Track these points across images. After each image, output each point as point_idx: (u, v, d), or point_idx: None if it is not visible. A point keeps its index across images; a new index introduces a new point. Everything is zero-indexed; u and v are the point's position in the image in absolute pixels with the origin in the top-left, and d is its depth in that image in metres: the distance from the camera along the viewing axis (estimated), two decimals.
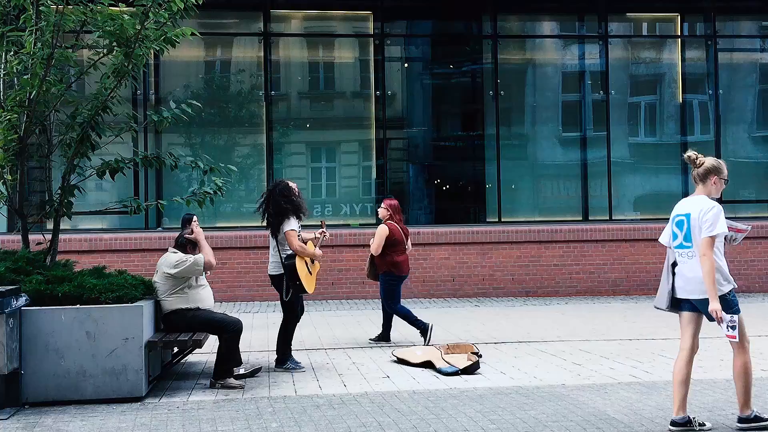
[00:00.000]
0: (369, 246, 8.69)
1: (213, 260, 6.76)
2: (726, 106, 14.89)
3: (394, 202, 8.76)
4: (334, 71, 14.70)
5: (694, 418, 5.10)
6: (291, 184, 7.46)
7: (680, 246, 5.19)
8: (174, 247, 6.89)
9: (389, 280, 8.48)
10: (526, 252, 13.28)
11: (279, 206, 7.21)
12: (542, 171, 14.69)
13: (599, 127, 14.51)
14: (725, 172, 5.20)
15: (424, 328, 8.33)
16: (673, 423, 5.07)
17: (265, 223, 7.40)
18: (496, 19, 14.43)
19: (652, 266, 13.44)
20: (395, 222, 8.58)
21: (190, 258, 6.66)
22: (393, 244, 8.45)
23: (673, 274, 5.24)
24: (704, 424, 5.10)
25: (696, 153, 5.20)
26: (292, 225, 7.17)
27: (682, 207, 5.23)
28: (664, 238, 5.36)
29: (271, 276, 7.38)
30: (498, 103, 14.20)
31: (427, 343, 8.17)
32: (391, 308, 8.51)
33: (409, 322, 8.49)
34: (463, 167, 14.86)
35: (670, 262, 5.27)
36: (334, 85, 14.75)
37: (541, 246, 13.38)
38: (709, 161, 5.17)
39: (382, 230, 8.44)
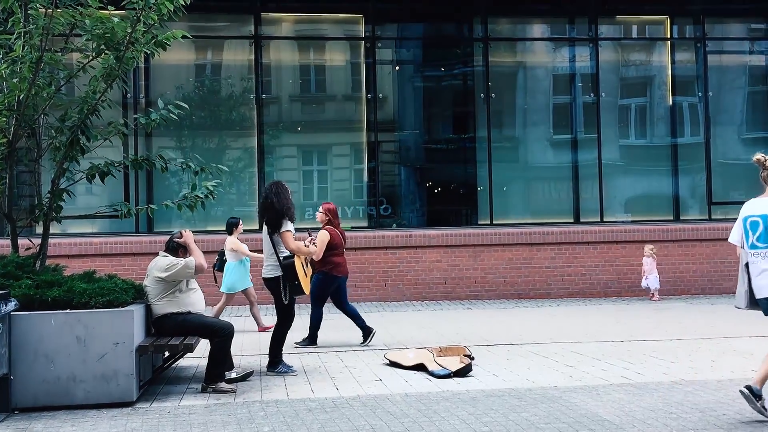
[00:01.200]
0: (359, 249, 8.74)
1: (204, 263, 6.73)
2: (716, 108, 14.97)
3: (332, 206, 8.92)
4: (325, 74, 14.69)
5: (764, 399, 5.18)
6: (286, 184, 7.49)
7: (753, 246, 5.27)
8: (165, 251, 6.86)
9: (324, 280, 8.57)
10: (518, 254, 13.30)
11: (276, 205, 7.22)
12: (533, 173, 14.72)
13: (590, 129, 14.56)
14: None
15: (367, 331, 8.74)
16: (747, 387, 5.20)
17: (265, 223, 7.40)
18: (486, 22, 14.46)
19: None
20: (334, 226, 8.73)
21: (181, 261, 6.63)
22: (332, 247, 8.61)
23: (748, 274, 5.30)
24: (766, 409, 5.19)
25: (765, 155, 5.27)
26: (287, 226, 7.20)
27: (755, 208, 5.33)
28: (735, 238, 5.44)
29: (266, 279, 7.32)
30: (489, 106, 14.22)
31: (366, 343, 8.60)
32: (315, 309, 8.65)
33: (356, 323, 8.81)
34: (455, 170, 14.87)
35: (744, 262, 5.35)
36: (325, 88, 14.74)
37: (532, 248, 13.40)
38: None
39: (323, 235, 8.56)
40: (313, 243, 7.82)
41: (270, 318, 10.79)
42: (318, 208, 9.03)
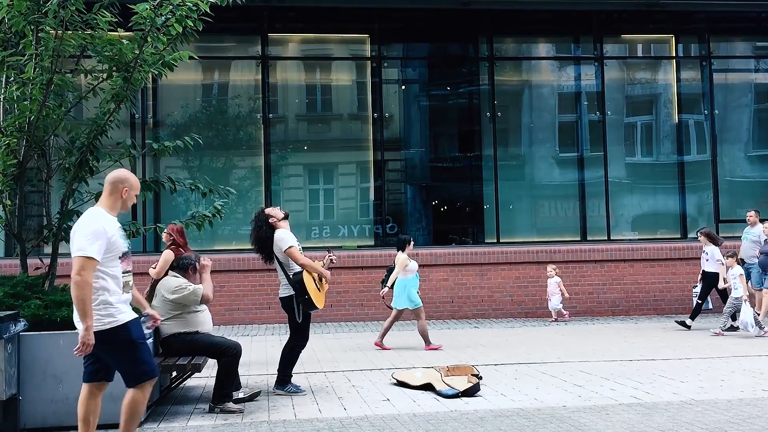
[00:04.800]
0: (366, 268, 8.71)
1: (211, 294, 6.75)
2: (722, 126, 14.98)
3: (178, 226, 8.74)
4: (331, 93, 14.77)
5: None
6: (267, 210, 7.44)
7: None
8: (175, 270, 6.90)
9: None
10: (525, 273, 13.27)
11: (262, 235, 7.23)
12: (540, 191, 14.73)
13: (596, 147, 14.58)
14: None
15: None
16: None
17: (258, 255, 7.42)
18: (492, 41, 14.54)
19: (651, 286, 13.46)
20: (179, 245, 8.65)
21: (190, 287, 6.65)
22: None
23: None
24: None
25: None
26: (289, 242, 7.15)
27: None
28: None
29: (281, 299, 7.31)
30: (495, 124, 14.27)
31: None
32: None
33: None
34: (461, 188, 14.89)
35: None
36: (332, 108, 14.81)
37: (539, 266, 13.36)
38: None
39: (167, 255, 8.44)
40: (332, 260, 7.74)
41: (276, 338, 10.79)
42: (326, 227, 8.97)
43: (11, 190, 6.86)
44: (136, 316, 4.84)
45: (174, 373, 6.94)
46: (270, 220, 7.26)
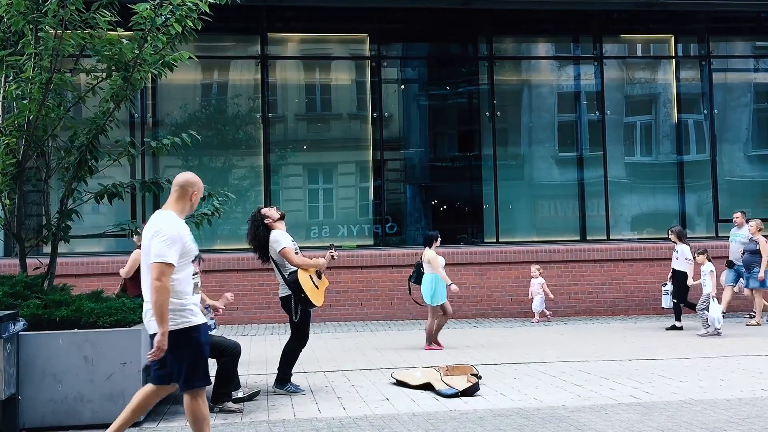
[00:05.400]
0: (365, 268, 8.69)
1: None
2: (721, 126, 14.99)
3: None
4: (330, 93, 14.76)
5: None
6: (264, 210, 7.43)
7: None
8: None
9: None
10: (525, 272, 13.26)
11: (259, 235, 7.23)
12: (539, 191, 14.73)
13: (595, 147, 14.58)
14: None
15: None
16: None
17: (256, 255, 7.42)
18: (491, 41, 14.54)
19: (651, 286, 13.45)
20: None
21: None
22: None
23: None
24: None
25: None
26: (283, 243, 7.14)
27: None
28: None
29: (281, 299, 7.31)
30: (494, 124, 14.27)
31: None
32: None
33: None
34: (461, 188, 14.89)
35: None
36: (331, 107, 14.81)
37: (539, 266, 13.35)
38: None
39: (136, 254, 8.45)
40: (333, 257, 7.73)
41: (275, 338, 10.80)
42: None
43: (10, 189, 6.86)
44: (206, 320, 4.88)
45: None
46: (266, 221, 7.26)
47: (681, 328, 11.33)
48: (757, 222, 12.14)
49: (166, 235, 4.61)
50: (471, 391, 6.95)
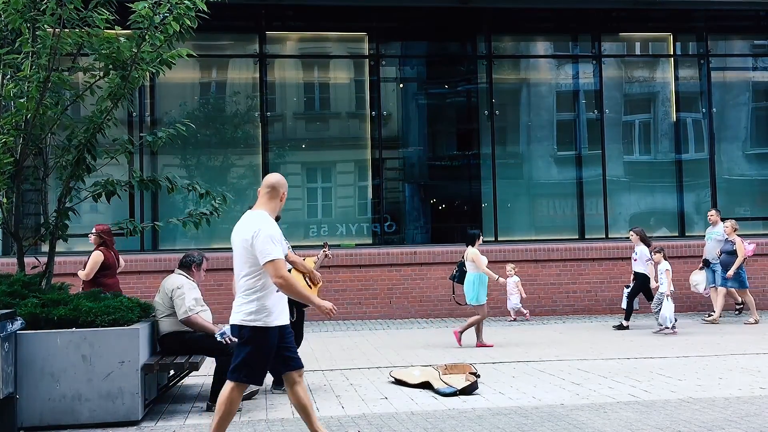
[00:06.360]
0: (364, 267, 8.67)
1: (192, 322, 6.64)
2: (720, 124, 14.98)
3: (105, 227, 8.75)
4: (329, 92, 14.75)
5: None
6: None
7: None
8: (179, 268, 6.95)
9: None
10: (523, 271, 13.26)
11: None
12: (538, 190, 14.72)
13: (594, 145, 14.57)
14: None
15: None
16: None
17: None
18: (490, 40, 14.53)
19: None
20: (107, 246, 8.63)
21: (187, 299, 6.60)
22: (104, 267, 8.55)
23: None
24: None
25: None
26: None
27: None
28: None
29: None
30: (493, 123, 14.25)
31: None
32: None
33: None
34: (459, 186, 14.88)
35: None
36: (330, 106, 14.80)
37: (537, 265, 13.38)
38: None
39: (96, 256, 8.47)
40: (327, 255, 7.70)
41: None
42: (324, 227, 8.90)
43: (8, 188, 6.85)
44: (286, 322, 4.94)
45: (172, 372, 6.94)
46: None
47: (627, 327, 11.37)
48: (732, 222, 12.21)
49: (267, 234, 4.73)
50: (469, 390, 6.95)
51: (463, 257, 10.07)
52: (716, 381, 7.41)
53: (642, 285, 11.49)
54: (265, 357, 4.79)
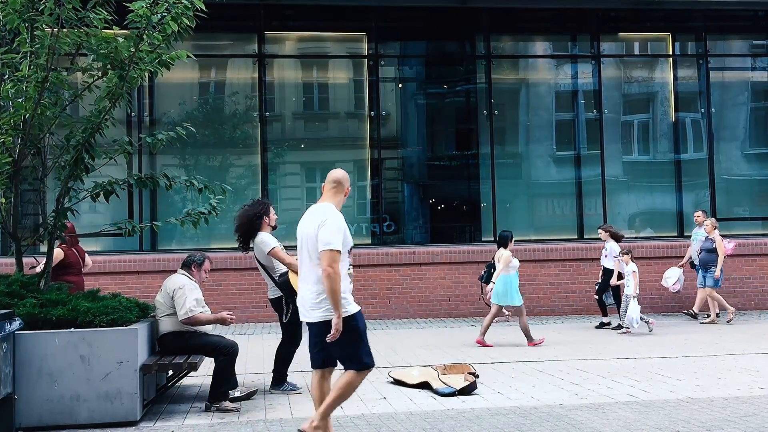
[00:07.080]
0: (363, 267, 8.66)
1: (191, 322, 6.64)
2: (719, 124, 14.98)
3: (69, 224, 8.70)
4: (328, 92, 14.75)
5: None
6: (271, 210, 7.43)
7: None
8: (181, 268, 6.95)
9: None
10: (522, 271, 13.15)
11: (252, 222, 7.23)
12: (537, 190, 14.72)
13: (593, 145, 14.57)
14: None
15: None
16: None
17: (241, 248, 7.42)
18: (489, 39, 14.53)
19: (648, 284, 13.44)
20: (70, 245, 8.63)
21: (188, 300, 6.59)
22: (68, 265, 8.55)
23: None
24: None
25: None
26: (271, 244, 7.11)
27: None
28: None
29: (270, 300, 7.31)
30: (492, 123, 14.25)
31: None
32: None
33: None
34: (458, 186, 14.88)
35: None
36: (329, 106, 14.79)
37: (536, 265, 13.37)
38: None
39: (57, 253, 8.39)
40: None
41: (273, 337, 10.78)
42: None
43: (6, 188, 6.84)
44: (359, 308, 5.03)
45: (170, 372, 6.93)
46: (264, 218, 7.26)
47: (609, 324, 11.47)
48: (712, 221, 12.26)
49: (333, 225, 4.90)
50: (468, 390, 6.94)
51: (493, 258, 10.13)
52: (715, 381, 7.41)
53: (608, 280, 11.60)
54: (361, 337, 4.92)
